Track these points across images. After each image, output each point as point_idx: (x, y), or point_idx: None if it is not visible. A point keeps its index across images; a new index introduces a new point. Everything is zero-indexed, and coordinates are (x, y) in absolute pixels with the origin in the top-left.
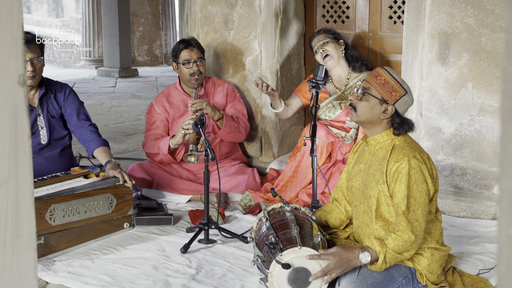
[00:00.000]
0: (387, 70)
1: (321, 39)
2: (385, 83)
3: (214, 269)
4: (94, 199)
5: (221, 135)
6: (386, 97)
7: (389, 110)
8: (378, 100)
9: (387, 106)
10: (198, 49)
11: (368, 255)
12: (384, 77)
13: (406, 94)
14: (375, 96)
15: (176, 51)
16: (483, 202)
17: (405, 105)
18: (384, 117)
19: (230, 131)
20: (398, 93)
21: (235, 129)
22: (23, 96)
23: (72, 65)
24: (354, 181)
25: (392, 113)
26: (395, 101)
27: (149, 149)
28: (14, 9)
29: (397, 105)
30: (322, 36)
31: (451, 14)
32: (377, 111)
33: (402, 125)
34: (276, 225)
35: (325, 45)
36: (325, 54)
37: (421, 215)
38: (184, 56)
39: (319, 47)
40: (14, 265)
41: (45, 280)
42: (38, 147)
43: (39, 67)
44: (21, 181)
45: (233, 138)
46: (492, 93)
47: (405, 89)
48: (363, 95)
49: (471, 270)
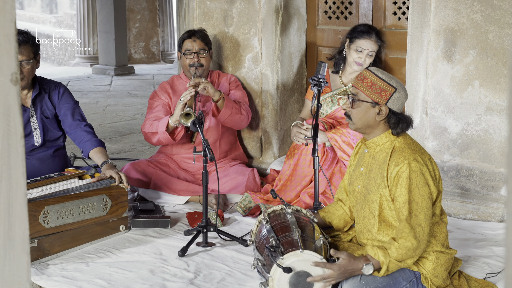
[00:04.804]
0: (372, 70)
1: (371, 47)
2: (372, 84)
3: (212, 273)
4: (89, 200)
5: (222, 117)
6: (376, 98)
7: (383, 111)
8: (369, 104)
9: (380, 107)
10: (202, 40)
11: (371, 267)
12: (370, 78)
13: (396, 91)
14: (365, 100)
15: (181, 40)
16: (490, 204)
17: (398, 102)
18: (379, 118)
19: (232, 113)
20: (387, 92)
21: (236, 111)
22: (15, 94)
23: (67, 62)
24: (355, 185)
25: (387, 113)
26: (387, 101)
27: (147, 129)
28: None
29: (389, 104)
30: (375, 47)
31: (457, 10)
32: (372, 114)
33: (398, 124)
34: (276, 228)
35: (368, 57)
36: (361, 64)
37: (423, 219)
38: (186, 46)
39: (365, 53)
40: (6, 269)
41: (39, 284)
42: (31, 149)
43: (27, 71)
44: (13, 182)
45: (235, 121)
46: (499, 92)
47: (393, 86)
48: (354, 102)
49: (478, 274)
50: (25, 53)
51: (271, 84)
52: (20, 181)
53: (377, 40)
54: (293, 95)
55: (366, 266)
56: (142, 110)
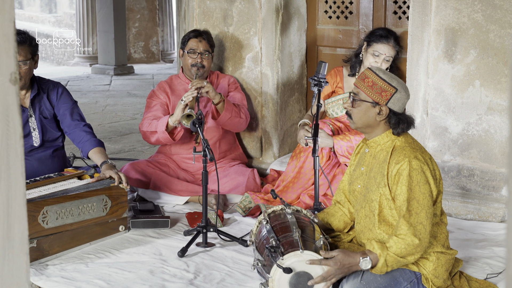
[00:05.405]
0: (373, 70)
1: (388, 52)
2: (373, 84)
3: (212, 274)
4: (88, 201)
5: (222, 120)
6: (377, 98)
7: (383, 111)
8: (370, 103)
9: (381, 107)
10: (208, 42)
11: (369, 261)
12: (371, 78)
13: (397, 92)
14: (366, 100)
15: (186, 38)
16: (491, 204)
17: (399, 103)
18: (380, 118)
19: (232, 116)
20: (388, 92)
21: (236, 114)
22: (14, 94)
23: (66, 62)
24: (356, 184)
25: (387, 114)
26: (387, 101)
27: (146, 128)
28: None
29: (390, 104)
30: (393, 52)
31: (458, 10)
32: (372, 114)
33: (398, 125)
34: (277, 228)
35: (384, 62)
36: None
37: (425, 217)
38: (191, 45)
39: (381, 58)
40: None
41: (38, 285)
42: (30, 149)
43: (25, 71)
44: (12, 182)
45: (234, 124)
46: (500, 91)
47: (394, 86)
48: (354, 102)
49: (479, 274)
50: (22, 53)
51: (271, 84)
52: (19, 181)
53: (395, 45)
54: (293, 95)
55: (363, 260)
56: (142, 110)
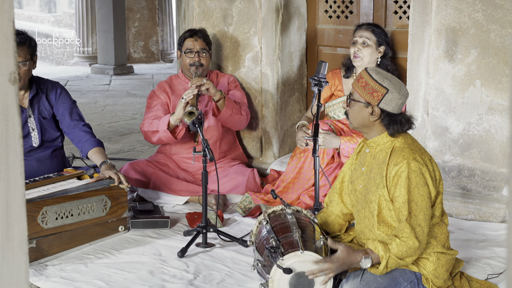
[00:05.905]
0: (368, 71)
1: (364, 36)
2: (365, 85)
3: (212, 274)
4: (88, 201)
5: (223, 116)
6: (368, 99)
7: (376, 112)
8: (363, 104)
9: (373, 108)
10: (204, 40)
11: (369, 262)
12: (365, 79)
13: (388, 92)
14: (359, 100)
15: (181, 39)
16: (491, 204)
17: (392, 103)
18: (373, 119)
19: (232, 113)
20: (379, 92)
21: (237, 111)
22: (14, 94)
23: (65, 62)
24: (357, 184)
25: (379, 114)
26: (379, 102)
27: (147, 128)
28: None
29: (382, 105)
30: (368, 33)
31: (459, 9)
32: (365, 114)
33: (389, 126)
34: (277, 228)
35: (364, 47)
36: (359, 56)
37: (423, 219)
38: (187, 45)
39: (358, 43)
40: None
41: (37, 285)
42: (29, 149)
43: (24, 72)
44: (12, 183)
45: (235, 121)
46: (501, 91)
47: (385, 87)
48: (350, 102)
49: (480, 275)
50: (21, 54)
51: (271, 84)
52: (18, 181)
53: (369, 26)
54: (293, 94)
55: (365, 259)
56: (141, 110)
